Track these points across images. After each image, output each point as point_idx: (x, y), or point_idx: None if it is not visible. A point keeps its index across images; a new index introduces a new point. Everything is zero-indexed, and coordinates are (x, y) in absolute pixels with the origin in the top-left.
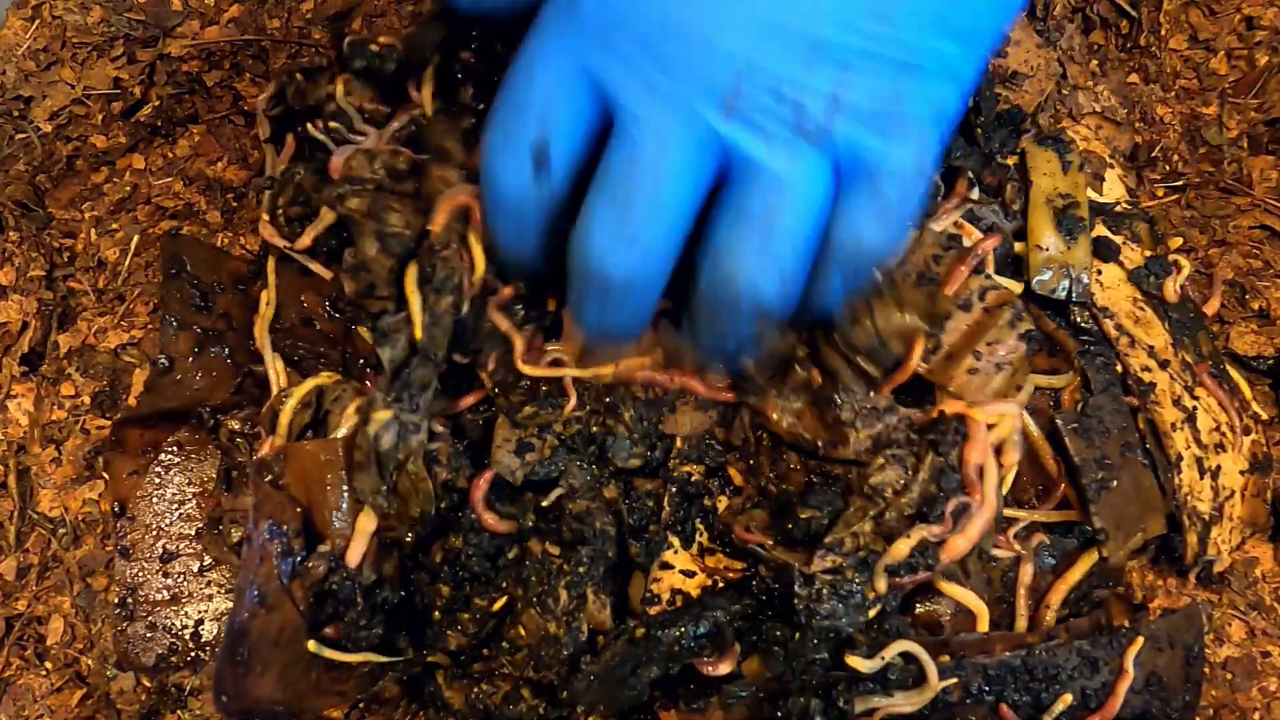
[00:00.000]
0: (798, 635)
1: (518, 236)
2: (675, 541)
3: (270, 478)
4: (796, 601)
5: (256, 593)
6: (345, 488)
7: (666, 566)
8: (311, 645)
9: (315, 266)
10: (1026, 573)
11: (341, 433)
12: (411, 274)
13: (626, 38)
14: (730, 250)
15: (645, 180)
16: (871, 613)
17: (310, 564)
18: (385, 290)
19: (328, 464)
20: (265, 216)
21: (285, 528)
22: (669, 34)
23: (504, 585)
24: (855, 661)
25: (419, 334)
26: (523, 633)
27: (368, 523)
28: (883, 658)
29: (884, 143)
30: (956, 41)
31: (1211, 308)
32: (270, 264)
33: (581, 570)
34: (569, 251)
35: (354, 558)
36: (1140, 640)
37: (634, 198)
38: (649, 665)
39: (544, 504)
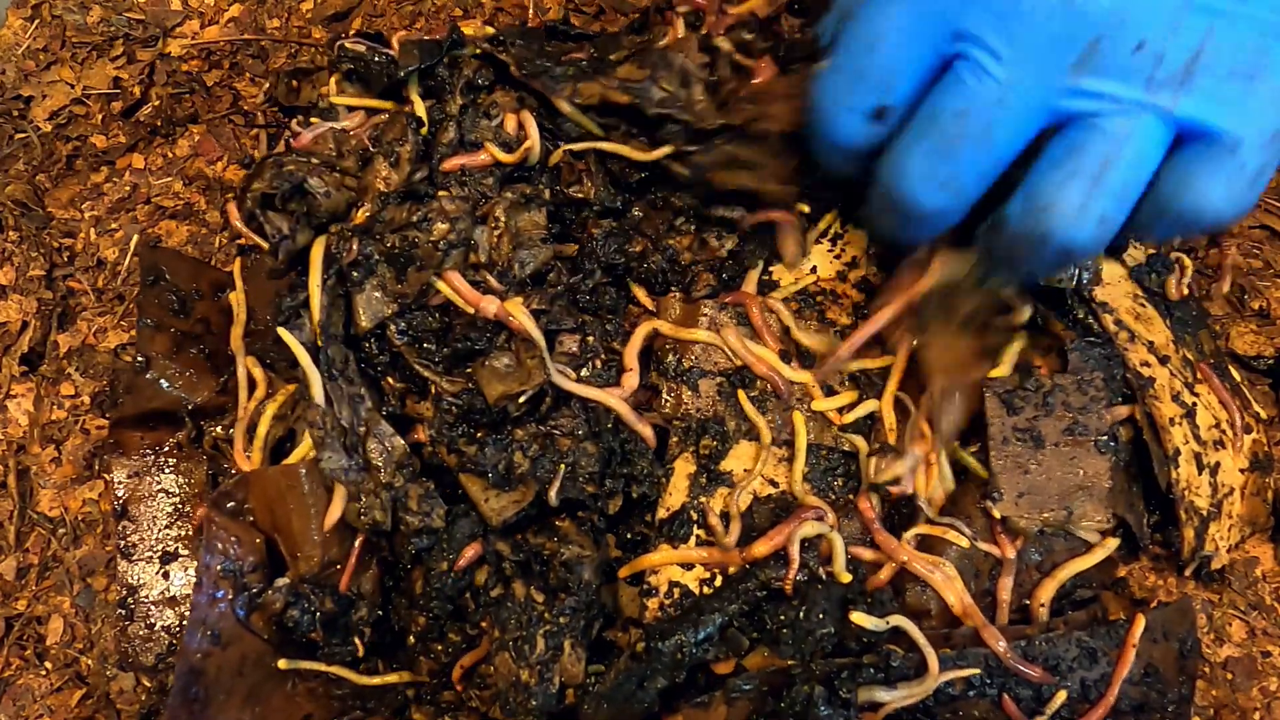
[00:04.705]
0: (802, 613)
1: (843, 166)
2: (665, 546)
3: (232, 505)
4: None
5: (210, 633)
6: (313, 510)
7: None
8: (282, 663)
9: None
10: (1007, 581)
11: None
12: (318, 249)
13: (978, 2)
14: (1052, 192)
15: (974, 131)
16: None
17: (268, 595)
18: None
19: (291, 489)
20: (235, 199)
21: (240, 562)
22: (1021, 7)
23: (482, 624)
24: (860, 618)
25: (316, 315)
26: (493, 673)
27: (341, 499)
28: (887, 621)
29: (1244, 109)
30: None
31: (1224, 286)
32: (236, 267)
33: (563, 621)
34: (879, 175)
35: (331, 520)
36: (1142, 619)
37: (960, 147)
38: (655, 677)
39: (534, 541)
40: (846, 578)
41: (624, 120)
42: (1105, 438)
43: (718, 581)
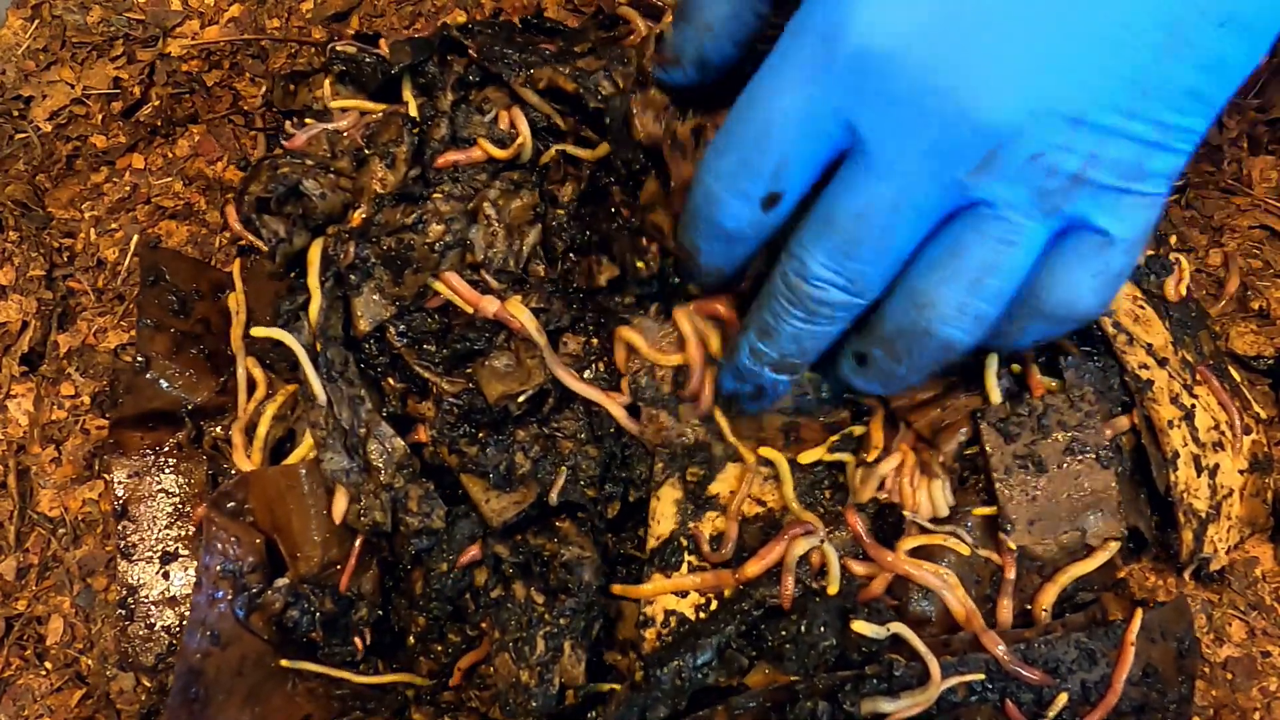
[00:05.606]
0: (803, 628)
1: (724, 257)
2: (658, 576)
3: (232, 505)
4: None
5: (210, 633)
6: (313, 510)
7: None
8: (284, 663)
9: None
10: (1006, 602)
11: (303, 453)
12: (316, 250)
13: (883, 88)
14: (933, 288)
15: (877, 225)
16: None
17: (268, 596)
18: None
19: (291, 489)
20: (233, 200)
21: (240, 562)
22: (930, 95)
23: (482, 625)
24: (861, 626)
25: (314, 316)
26: (493, 673)
27: (344, 497)
28: (887, 628)
29: (1118, 212)
30: (1201, 115)
31: (1232, 285)
32: (235, 268)
33: (563, 623)
34: (777, 272)
35: (338, 513)
36: (1140, 614)
37: (861, 242)
38: (656, 706)
39: (534, 542)
40: (834, 589)
41: (578, 115)
42: (1106, 450)
43: (713, 606)
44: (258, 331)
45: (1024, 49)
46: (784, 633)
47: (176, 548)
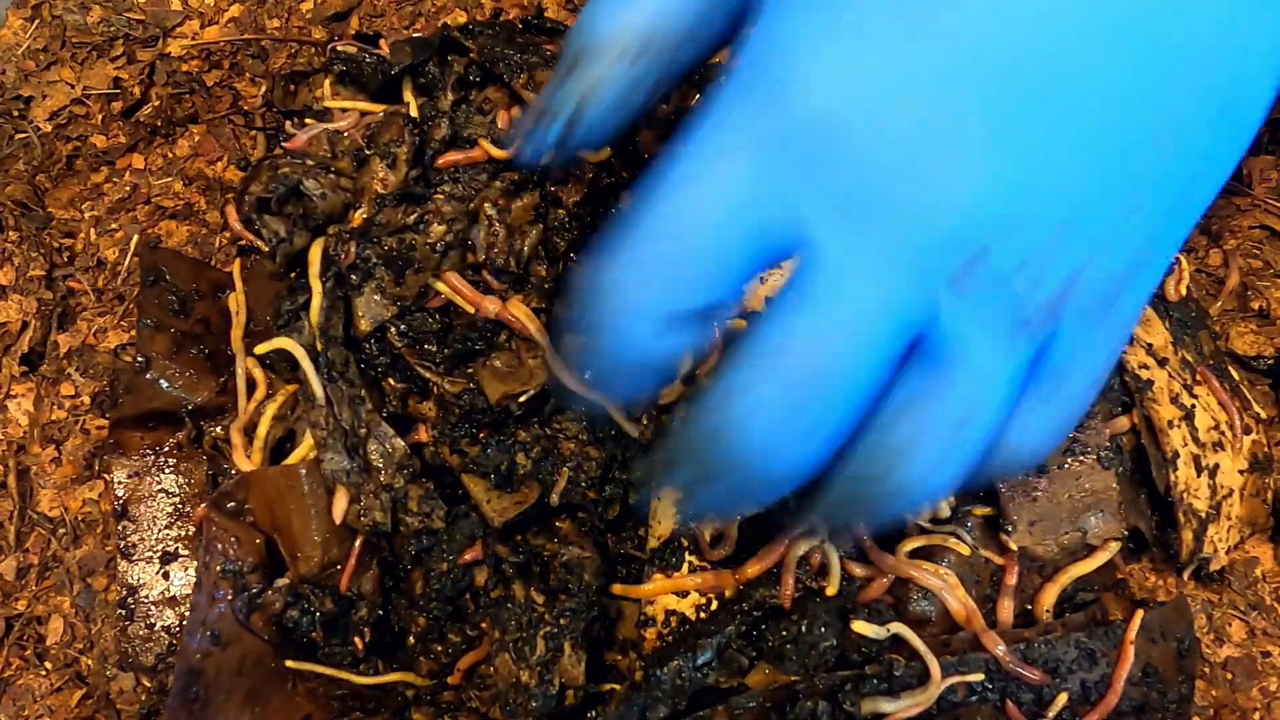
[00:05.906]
0: (804, 628)
1: (633, 389)
2: (658, 576)
3: (233, 505)
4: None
5: (210, 633)
6: (313, 510)
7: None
8: (290, 663)
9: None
10: (1007, 603)
11: (303, 453)
12: (317, 250)
13: (842, 171)
14: (906, 438)
15: (837, 357)
16: None
17: (268, 596)
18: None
19: (291, 489)
20: (233, 200)
21: (240, 563)
22: (901, 184)
23: (482, 625)
24: (861, 627)
25: (315, 316)
26: (493, 673)
27: (342, 501)
28: (887, 629)
29: (1090, 337)
30: (1184, 224)
31: (1232, 281)
32: (235, 268)
33: (563, 623)
34: (695, 422)
35: (338, 513)
36: (1140, 614)
37: (818, 378)
38: (656, 706)
39: (534, 542)
40: (834, 589)
41: None
42: (1106, 451)
43: (714, 606)
44: (262, 348)
45: (1013, 133)
46: (784, 633)
47: (176, 548)
